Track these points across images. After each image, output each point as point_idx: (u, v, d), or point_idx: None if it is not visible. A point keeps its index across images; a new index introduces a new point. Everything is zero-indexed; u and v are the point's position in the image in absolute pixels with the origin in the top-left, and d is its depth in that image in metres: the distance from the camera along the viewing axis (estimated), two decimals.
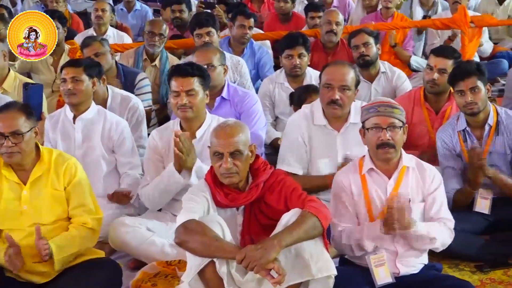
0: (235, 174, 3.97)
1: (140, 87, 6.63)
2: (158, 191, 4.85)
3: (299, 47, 6.56)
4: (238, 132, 4.01)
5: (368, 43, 6.76)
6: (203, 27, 7.02)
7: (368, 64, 6.76)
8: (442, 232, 4.20)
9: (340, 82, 4.92)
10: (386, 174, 4.24)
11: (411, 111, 5.72)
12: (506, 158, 5.06)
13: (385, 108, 4.17)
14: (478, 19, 8.34)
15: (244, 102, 5.77)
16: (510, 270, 4.72)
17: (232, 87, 5.88)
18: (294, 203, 3.95)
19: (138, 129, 5.90)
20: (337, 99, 4.93)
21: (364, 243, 4.13)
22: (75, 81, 5.29)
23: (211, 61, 5.72)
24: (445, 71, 5.61)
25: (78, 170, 4.34)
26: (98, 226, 4.37)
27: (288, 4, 9.48)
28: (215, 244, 3.73)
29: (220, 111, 5.64)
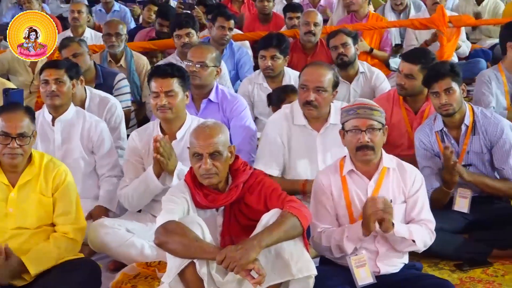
0: (214, 175, 3.97)
1: (119, 88, 6.61)
2: (137, 193, 4.84)
3: (272, 49, 6.56)
4: (217, 133, 4.01)
5: (346, 43, 6.78)
6: (183, 28, 7.02)
7: (346, 64, 6.77)
8: (423, 234, 4.20)
9: (316, 83, 4.93)
10: (367, 176, 4.24)
11: (390, 111, 5.74)
12: (483, 157, 5.08)
13: (364, 110, 4.17)
14: (456, 19, 8.38)
15: (233, 107, 5.70)
16: (489, 269, 4.75)
17: (221, 90, 5.81)
18: (274, 204, 3.95)
19: (117, 130, 5.89)
20: (312, 100, 4.93)
21: (344, 245, 4.13)
22: (58, 83, 5.28)
23: (205, 59, 5.64)
24: (411, 76, 5.65)
25: (68, 178, 4.33)
26: (80, 236, 4.37)
27: (270, 3, 9.51)
28: (195, 245, 3.72)
29: (207, 114, 5.60)
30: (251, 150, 5.51)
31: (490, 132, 5.05)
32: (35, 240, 4.19)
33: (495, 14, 10.06)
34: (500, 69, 6.19)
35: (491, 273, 4.71)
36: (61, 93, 5.28)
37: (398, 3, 9.51)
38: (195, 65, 5.58)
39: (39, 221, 4.26)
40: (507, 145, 5.05)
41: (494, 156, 5.08)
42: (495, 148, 5.06)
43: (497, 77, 6.15)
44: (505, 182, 5.06)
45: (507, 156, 5.05)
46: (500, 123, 5.08)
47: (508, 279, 4.62)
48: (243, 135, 5.56)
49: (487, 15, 9.98)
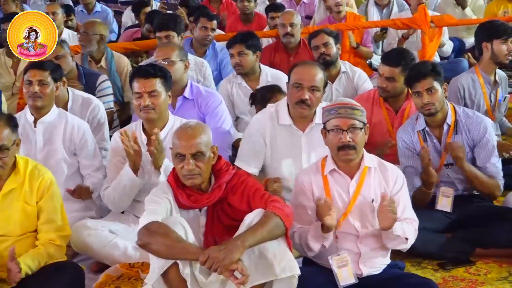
0: (197, 176, 3.97)
1: (102, 89, 6.59)
2: (118, 191, 4.83)
3: (238, 45, 6.56)
4: (200, 134, 4.00)
5: (328, 43, 6.79)
6: (162, 30, 7.00)
7: (328, 64, 6.78)
8: (412, 232, 4.23)
9: (311, 82, 4.93)
10: (348, 175, 4.25)
11: (371, 111, 5.75)
12: (466, 156, 5.08)
13: (345, 110, 4.18)
14: (438, 19, 8.41)
15: (209, 103, 5.75)
16: (472, 268, 4.77)
17: (195, 87, 5.85)
18: (257, 204, 3.95)
19: (100, 131, 5.86)
20: (307, 99, 4.93)
21: (309, 243, 4.13)
22: (41, 84, 5.26)
23: (170, 55, 5.71)
24: (393, 79, 5.67)
25: (52, 186, 4.30)
26: (65, 243, 4.36)
27: (251, 3, 9.49)
28: (178, 246, 3.72)
29: (183, 111, 5.62)
30: (226, 146, 5.51)
31: (473, 131, 5.07)
32: (19, 247, 4.15)
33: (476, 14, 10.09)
34: (477, 71, 6.18)
35: (473, 272, 4.72)
36: (44, 95, 5.26)
37: None
38: (161, 62, 5.61)
39: (23, 229, 4.24)
40: (490, 144, 5.08)
41: (477, 155, 5.09)
42: (478, 147, 5.08)
43: (473, 80, 6.14)
44: (491, 179, 5.08)
45: (490, 154, 5.08)
46: (483, 122, 5.10)
47: (490, 277, 4.64)
48: (218, 130, 5.57)
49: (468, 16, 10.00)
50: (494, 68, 6.16)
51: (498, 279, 4.61)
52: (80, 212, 5.21)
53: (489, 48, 6.07)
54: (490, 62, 6.11)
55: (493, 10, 10.10)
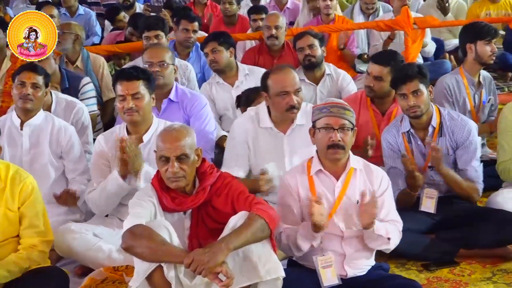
0: (181, 178, 3.96)
1: (85, 92, 6.57)
2: (104, 196, 4.82)
3: (210, 44, 6.62)
4: (184, 136, 4.00)
5: (313, 45, 6.79)
6: (152, 29, 7.01)
7: (313, 66, 6.79)
8: (395, 233, 4.25)
9: (294, 86, 4.96)
10: (334, 176, 4.26)
11: (358, 112, 5.72)
12: (449, 158, 5.11)
13: (337, 109, 4.19)
14: (421, 21, 8.42)
15: (194, 105, 5.75)
16: (456, 268, 4.78)
17: (181, 89, 5.85)
18: (241, 206, 3.95)
19: (83, 134, 5.84)
20: (295, 103, 4.95)
21: (298, 242, 4.14)
22: (34, 87, 5.27)
23: (164, 58, 5.72)
24: (380, 79, 5.68)
25: (34, 191, 4.25)
26: (47, 248, 4.32)
27: (233, 6, 9.48)
28: (162, 249, 3.72)
29: (168, 113, 5.63)
30: (208, 148, 5.51)
31: (457, 134, 5.08)
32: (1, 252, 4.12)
33: (459, 16, 10.14)
34: (461, 72, 6.21)
35: (457, 273, 4.74)
36: (35, 97, 5.26)
37: (370, 8, 9.51)
38: (157, 65, 5.62)
39: (5, 235, 4.18)
40: (472, 147, 5.10)
41: (458, 157, 5.11)
42: (461, 149, 5.10)
43: (458, 81, 6.17)
44: (470, 183, 5.09)
45: (471, 157, 5.09)
46: (467, 125, 5.11)
47: (474, 278, 4.65)
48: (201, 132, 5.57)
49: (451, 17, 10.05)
50: (479, 69, 6.19)
51: (481, 280, 4.62)
52: (64, 215, 5.19)
53: (473, 49, 6.09)
54: (474, 63, 6.14)
55: (475, 11, 10.15)
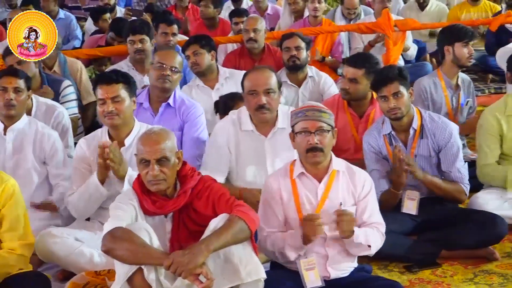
0: (162, 181, 3.95)
1: (65, 95, 6.54)
2: (83, 200, 4.79)
3: (192, 46, 6.60)
4: (164, 139, 3.99)
5: (300, 47, 6.82)
6: (137, 33, 6.97)
7: (297, 67, 6.81)
8: (377, 238, 4.25)
9: (264, 86, 4.94)
10: (317, 178, 4.26)
11: (336, 116, 5.68)
12: (431, 160, 5.13)
13: (313, 113, 4.20)
14: (401, 23, 8.47)
15: (190, 111, 5.71)
16: (438, 270, 4.80)
17: (180, 96, 5.82)
18: (222, 208, 3.94)
19: (64, 138, 5.82)
20: (264, 103, 4.94)
21: (285, 251, 4.15)
22: (17, 92, 5.25)
23: (176, 64, 5.70)
24: (355, 81, 5.69)
25: (15, 193, 4.22)
26: (28, 252, 4.29)
27: (209, 9, 9.47)
28: (142, 251, 3.70)
29: (165, 118, 5.64)
30: (198, 155, 5.50)
31: (438, 136, 5.10)
32: None
33: (439, 18, 10.19)
34: (439, 74, 6.23)
35: (440, 274, 4.75)
36: (18, 102, 5.24)
37: (352, 12, 9.53)
38: (168, 69, 5.61)
39: None
40: (454, 149, 5.11)
41: (441, 160, 5.12)
42: (443, 152, 5.11)
43: (435, 83, 6.20)
44: (453, 184, 5.11)
45: (454, 159, 5.11)
46: (448, 127, 5.13)
47: (456, 279, 4.67)
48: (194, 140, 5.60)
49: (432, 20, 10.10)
50: (456, 72, 6.23)
51: (464, 281, 4.64)
52: (45, 220, 5.18)
53: (450, 51, 6.13)
54: (452, 66, 6.17)
55: (456, 14, 10.22)
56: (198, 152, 5.51)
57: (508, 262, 4.85)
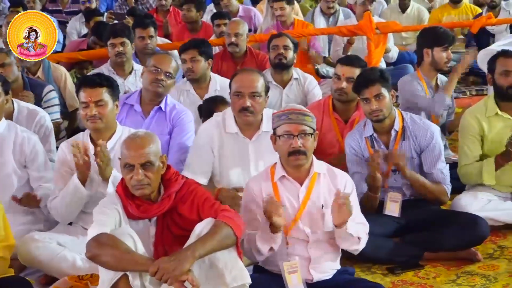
0: (146, 186, 3.94)
1: (48, 100, 6.51)
2: (65, 202, 4.77)
3: (191, 51, 6.48)
4: (148, 143, 3.98)
5: (288, 46, 6.84)
6: (117, 37, 6.94)
7: (282, 66, 6.82)
8: (363, 233, 4.27)
9: (250, 89, 4.93)
10: (298, 181, 4.27)
11: (321, 120, 5.76)
12: (413, 162, 5.15)
13: (296, 116, 4.20)
14: (383, 26, 8.50)
15: (181, 116, 5.69)
16: (421, 271, 4.81)
17: (172, 101, 5.81)
18: (207, 213, 3.94)
19: (46, 143, 5.78)
20: (248, 106, 4.93)
21: (258, 245, 4.14)
22: None
23: (172, 69, 5.68)
24: (353, 80, 5.65)
25: None
26: (8, 254, 4.28)
27: (191, 12, 9.47)
28: (127, 257, 3.70)
29: (155, 121, 5.64)
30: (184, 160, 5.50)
31: (420, 137, 5.12)
32: None
33: (420, 21, 10.25)
34: (419, 75, 6.27)
35: (422, 276, 4.76)
36: None
37: (331, 6, 9.56)
38: (163, 74, 5.60)
39: None
40: (436, 150, 5.13)
41: (423, 161, 5.15)
42: (425, 153, 5.13)
43: (418, 83, 6.24)
44: (437, 185, 5.14)
45: (436, 160, 5.13)
46: (429, 128, 5.16)
47: (439, 281, 4.68)
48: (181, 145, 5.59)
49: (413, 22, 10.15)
50: (435, 74, 6.28)
51: (446, 282, 4.66)
52: (27, 225, 5.14)
53: (429, 54, 6.16)
54: (430, 68, 6.22)
55: (437, 16, 10.28)
56: (184, 157, 5.51)
57: (490, 263, 4.88)
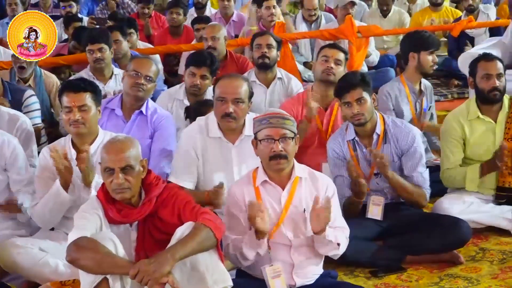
0: (127, 190, 3.93)
1: (28, 105, 6.46)
2: (48, 208, 4.74)
3: (204, 68, 6.25)
4: (128, 147, 3.98)
5: (271, 45, 6.84)
6: (95, 43, 6.90)
7: (266, 66, 6.81)
8: (343, 239, 4.28)
9: (234, 95, 4.92)
10: (280, 185, 4.27)
11: (301, 111, 5.87)
12: (395, 165, 5.15)
13: (277, 120, 4.21)
14: (364, 29, 8.53)
15: (162, 121, 5.68)
16: (403, 274, 4.81)
17: (153, 105, 5.79)
18: (188, 217, 3.94)
19: (27, 148, 5.73)
20: (231, 112, 4.92)
21: (244, 251, 4.14)
22: None
23: (152, 73, 5.66)
24: (339, 63, 5.85)
25: None
26: None
27: (180, 16, 9.50)
28: (107, 260, 3.69)
29: (136, 125, 5.63)
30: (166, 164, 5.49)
31: (401, 140, 5.13)
32: None
33: (401, 24, 10.29)
34: (402, 80, 6.31)
35: (405, 279, 4.77)
36: None
37: (312, 14, 9.58)
38: (143, 78, 5.58)
39: None
40: (417, 153, 5.14)
41: (404, 164, 5.15)
42: (406, 156, 5.14)
43: (399, 89, 6.26)
44: (417, 188, 5.15)
45: (417, 164, 5.14)
46: (411, 132, 5.17)
47: (422, 283, 4.69)
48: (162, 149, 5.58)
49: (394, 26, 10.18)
50: (419, 78, 6.31)
51: (429, 285, 4.66)
52: (9, 230, 5.11)
53: (415, 58, 6.20)
54: (415, 72, 6.26)
55: (418, 20, 10.33)
56: (167, 160, 5.49)
57: (473, 265, 4.89)
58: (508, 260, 4.92)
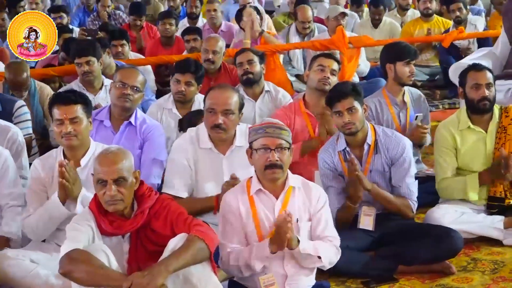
0: (119, 201, 3.93)
1: (19, 115, 6.43)
2: (43, 221, 4.73)
3: (188, 74, 6.37)
4: (121, 159, 3.98)
5: (252, 61, 6.84)
6: (82, 56, 6.83)
7: (251, 81, 6.82)
8: (329, 250, 4.27)
9: (223, 106, 4.93)
10: (274, 195, 4.28)
11: (293, 120, 5.93)
12: (385, 175, 5.16)
13: (273, 130, 4.23)
14: (356, 40, 8.55)
15: (151, 131, 5.68)
16: (395, 285, 4.80)
17: (142, 115, 5.79)
18: (181, 228, 3.94)
19: (18, 159, 5.71)
20: (220, 123, 4.93)
21: (252, 263, 4.14)
22: None
23: (138, 83, 5.65)
24: (335, 73, 5.95)
25: None
26: None
27: (173, 27, 9.53)
28: (100, 273, 3.68)
29: (125, 136, 5.63)
30: (157, 174, 5.49)
31: (391, 150, 5.14)
32: None
33: (392, 35, 10.31)
34: (384, 93, 6.28)
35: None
36: None
37: (306, 27, 9.58)
38: (129, 88, 5.58)
39: None
40: (406, 164, 5.14)
41: (392, 174, 5.15)
42: (395, 166, 5.14)
43: (380, 102, 6.24)
44: (401, 199, 5.14)
45: (405, 174, 5.14)
46: (401, 142, 5.17)
47: None
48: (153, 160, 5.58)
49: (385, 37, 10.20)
50: (399, 89, 6.27)
51: None
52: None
53: (392, 69, 6.20)
54: (394, 83, 6.25)
55: (409, 30, 10.33)
56: (157, 171, 5.49)
57: (464, 275, 4.89)
58: (499, 270, 4.92)
